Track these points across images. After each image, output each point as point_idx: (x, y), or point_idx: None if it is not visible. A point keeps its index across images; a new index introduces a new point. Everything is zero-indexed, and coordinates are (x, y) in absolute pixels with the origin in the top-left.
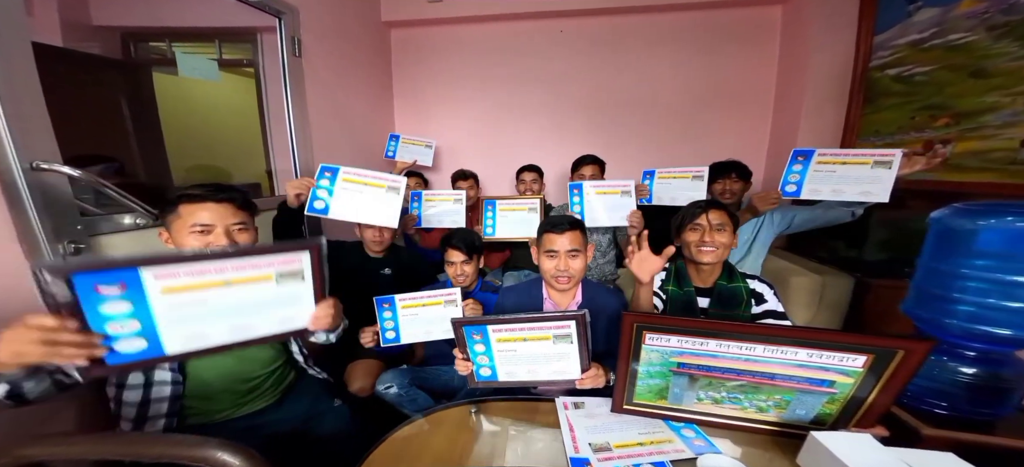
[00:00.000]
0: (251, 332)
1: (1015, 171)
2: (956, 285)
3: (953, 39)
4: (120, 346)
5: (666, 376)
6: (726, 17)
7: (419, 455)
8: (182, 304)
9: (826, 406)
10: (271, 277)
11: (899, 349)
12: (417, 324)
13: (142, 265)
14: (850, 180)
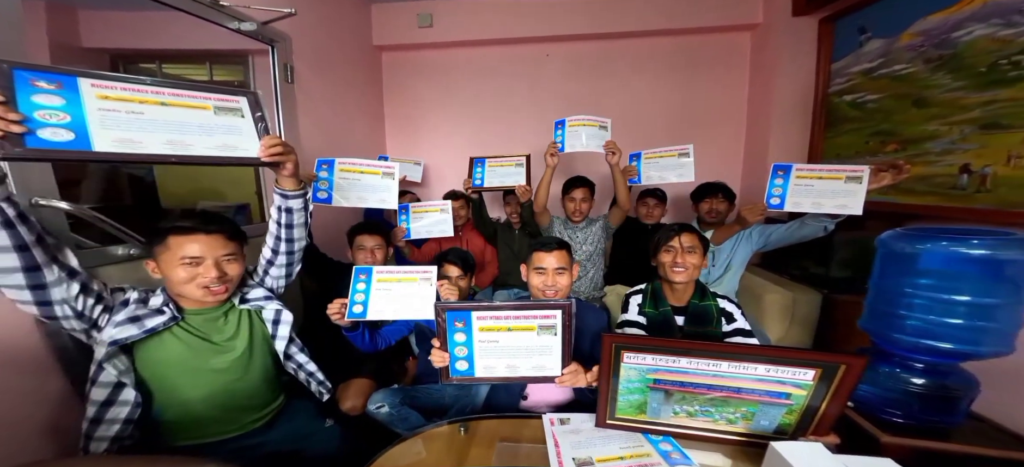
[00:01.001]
0: (189, 150)
1: (956, 196)
2: (903, 302)
3: (897, 69)
4: (45, 133)
5: (644, 392)
6: (701, 42)
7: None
8: (116, 109)
9: (785, 417)
10: (209, 107)
11: (841, 363)
12: (388, 300)
13: (80, 75)
14: (827, 193)
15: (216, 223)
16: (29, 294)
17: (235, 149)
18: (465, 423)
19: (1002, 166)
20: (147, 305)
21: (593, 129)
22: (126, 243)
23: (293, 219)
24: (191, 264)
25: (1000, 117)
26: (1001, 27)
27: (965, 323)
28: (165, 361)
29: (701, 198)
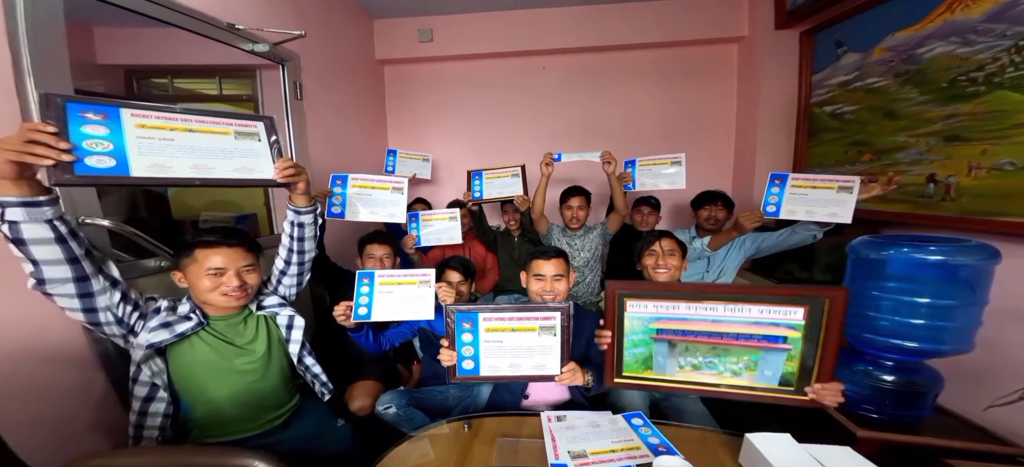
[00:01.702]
0: (211, 173)
1: (924, 203)
2: (872, 304)
3: (870, 82)
4: (92, 161)
5: (648, 344)
6: (690, 54)
7: (422, 464)
8: (151, 137)
9: (787, 365)
10: (230, 132)
11: (824, 297)
12: (391, 302)
13: (122, 106)
14: (820, 202)
15: (236, 237)
16: (78, 302)
17: (252, 171)
18: (468, 421)
19: (964, 176)
20: (176, 312)
21: (588, 152)
22: (157, 256)
23: (304, 233)
24: (215, 274)
25: (961, 130)
26: (959, 45)
27: (927, 323)
28: (194, 363)
29: (701, 205)
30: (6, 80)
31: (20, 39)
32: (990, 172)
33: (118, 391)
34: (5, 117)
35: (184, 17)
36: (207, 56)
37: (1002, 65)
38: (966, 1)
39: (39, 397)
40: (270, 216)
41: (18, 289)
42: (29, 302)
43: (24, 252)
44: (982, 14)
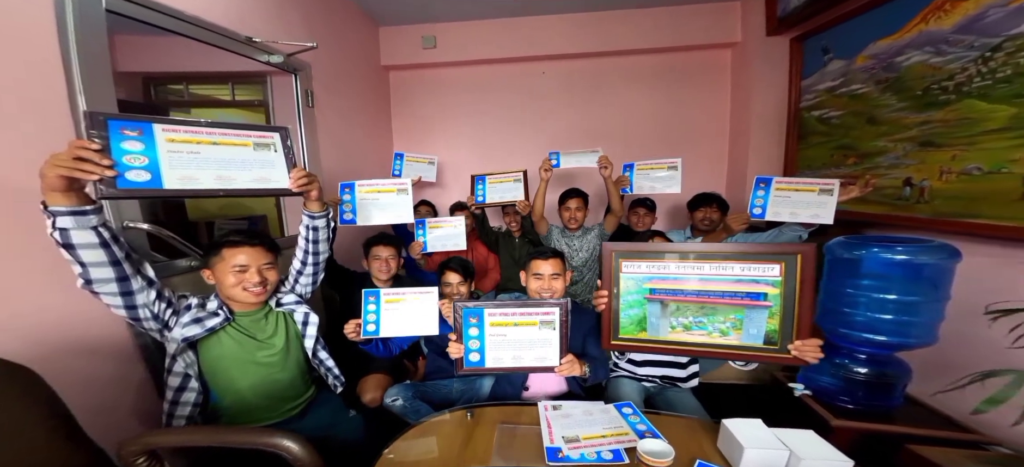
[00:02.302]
0: (233, 184)
1: (901, 205)
2: (846, 300)
3: (854, 89)
4: (130, 175)
5: (642, 305)
6: (686, 59)
7: (428, 450)
8: (180, 151)
9: (770, 322)
10: (249, 144)
11: (797, 253)
12: (397, 318)
13: (154, 121)
14: (803, 204)
15: (258, 238)
16: (120, 300)
17: (270, 181)
18: (471, 409)
19: (936, 180)
20: (205, 309)
21: (586, 153)
22: (188, 256)
23: (318, 236)
24: (240, 271)
25: (934, 136)
26: (933, 55)
27: (894, 318)
28: (221, 355)
29: (696, 207)
30: (61, 100)
31: (72, 60)
32: (959, 176)
33: (155, 381)
34: (59, 132)
35: (209, 33)
36: (221, 63)
37: (970, 75)
38: (939, 13)
39: (87, 386)
40: (281, 218)
41: (70, 289)
42: (79, 300)
43: (73, 256)
44: (952, 26)
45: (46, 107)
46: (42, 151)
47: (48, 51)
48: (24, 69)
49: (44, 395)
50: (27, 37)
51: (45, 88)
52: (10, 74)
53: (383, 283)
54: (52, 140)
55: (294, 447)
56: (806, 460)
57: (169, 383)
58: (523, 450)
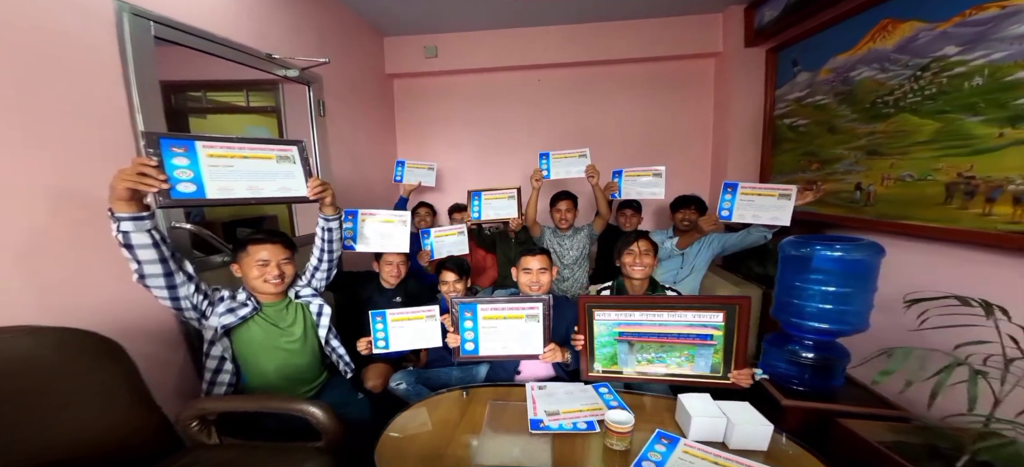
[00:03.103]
0: (261, 193)
1: (852, 208)
2: (796, 293)
3: (818, 99)
4: (180, 187)
5: (613, 344)
6: (673, 68)
7: (427, 422)
8: (217, 165)
9: (715, 356)
10: (273, 157)
11: (735, 304)
12: (404, 334)
13: (196, 139)
14: (765, 207)
15: (278, 237)
16: (166, 292)
17: (290, 189)
18: (467, 389)
19: (879, 186)
20: (236, 300)
21: (574, 158)
22: (221, 252)
23: (333, 236)
24: (262, 265)
25: (878, 146)
26: (878, 72)
27: (833, 308)
28: (251, 341)
29: (677, 208)
30: (124, 121)
31: (131, 81)
32: (896, 182)
33: (194, 363)
34: (122, 148)
35: (234, 51)
36: (236, 73)
37: (905, 91)
38: (884, 33)
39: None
40: (291, 219)
41: (128, 284)
42: (135, 293)
43: (131, 254)
44: (893, 45)
45: (114, 123)
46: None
47: (114, 74)
48: (98, 90)
49: (128, 366)
50: (97, 65)
51: (111, 106)
52: (86, 95)
53: (392, 284)
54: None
55: (319, 413)
56: (738, 425)
57: (207, 365)
58: (511, 422)
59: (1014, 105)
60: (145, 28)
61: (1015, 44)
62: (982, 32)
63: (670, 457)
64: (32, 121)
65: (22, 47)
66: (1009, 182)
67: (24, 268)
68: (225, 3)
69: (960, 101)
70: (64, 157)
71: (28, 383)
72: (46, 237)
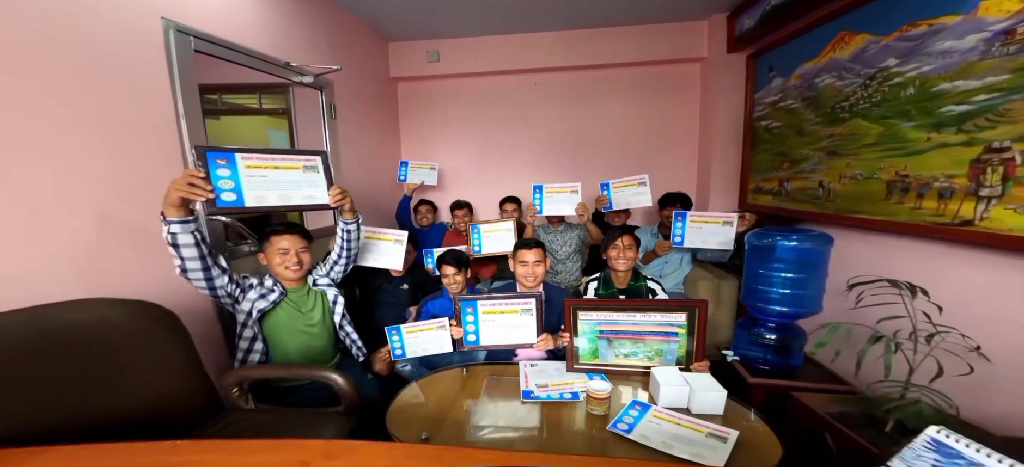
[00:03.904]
0: (289, 201)
1: (816, 203)
2: (760, 280)
3: (789, 103)
4: (223, 196)
5: (595, 340)
6: (662, 72)
7: (431, 394)
8: (253, 175)
9: (680, 351)
10: (299, 166)
11: (694, 307)
12: (417, 343)
13: (236, 151)
14: (712, 233)
15: (296, 228)
16: (204, 283)
17: (314, 198)
18: (467, 367)
19: (837, 183)
20: (264, 286)
21: (566, 194)
22: (249, 241)
23: (351, 237)
24: (283, 253)
25: (836, 147)
26: (837, 79)
27: (791, 292)
28: (278, 323)
29: (665, 206)
30: (171, 123)
31: (177, 90)
32: (850, 180)
33: (227, 342)
34: (170, 145)
35: (259, 60)
36: (249, 75)
37: (858, 98)
38: (842, 43)
39: None
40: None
41: (173, 276)
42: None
43: (177, 252)
44: (848, 55)
45: (164, 125)
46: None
47: (164, 83)
48: (151, 97)
49: (184, 337)
50: (150, 76)
51: (161, 112)
52: (143, 102)
53: (399, 273)
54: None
55: (340, 379)
56: (698, 391)
57: (240, 345)
58: (505, 393)
59: (938, 112)
60: (187, 43)
61: (939, 58)
62: (915, 46)
63: (641, 420)
64: (104, 126)
65: (96, 65)
66: (935, 180)
67: (97, 251)
68: (249, 18)
69: (898, 108)
70: (129, 156)
71: (109, 344)
72: (114, 224)
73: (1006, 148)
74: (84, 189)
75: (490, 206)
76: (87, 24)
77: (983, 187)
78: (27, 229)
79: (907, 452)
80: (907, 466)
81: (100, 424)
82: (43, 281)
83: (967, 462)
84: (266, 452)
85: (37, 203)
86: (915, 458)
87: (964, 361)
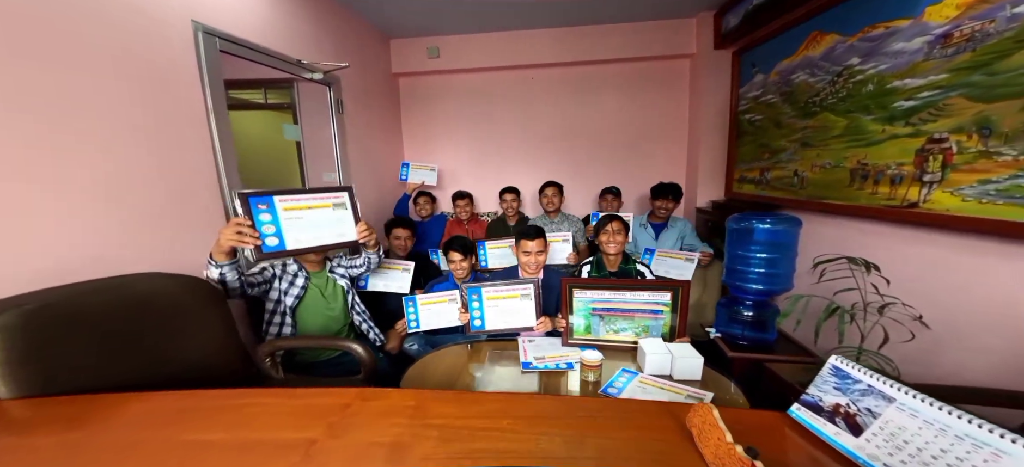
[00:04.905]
0: (322, 241)
1: (792, 190)
2: (739, 260)
3: (769, 98)
4: (268, 241)
5: (588, 317)
6: (653, 68)
7: (438, 366)
8: (292, 218)
9: (665, 327)
10: (330, 206)
11: (678, 287)
12: (431, 316)
13: (274, 194)
14: (676, 265)
15: None
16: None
17: (344, 235)
18: (470, 343)
19: (809, 171)
20: (288, 272)
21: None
22: None
23: (372, 263)
24: None
25: (808, 138)
26: (809, 76)
27: (765, 271)
28: (305, 308)
29: (656, 196)
30: (202, 116)
31: (206, 86)
32: (820, 169)
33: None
34: (200, 136)
35: (274, 58)
36: (254, 71)
37: (827, 93)
38: (814, 43)
39: None
40: None
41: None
42: None
43: (223, 287)
44: (820, 54)
45: (195, 118)
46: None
47: (194, 80)
48: (184, 93)
49: (225, 309)
50: (183, 74)
51: (191, 106)
52: (176, 98)
53: (400, 257)
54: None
55: (360, 349)
56: (679, 358)
57: (271, 325)
58: (507, 363)
59: (891, 107)
60: (213, 44)
61: (892, 58)
62: (874, 46)
63: (629, 384)
64: (143, 121)
65: (139, 67)
66: (888, 168)
67: (146, 231)
68: (264, 19)
69: (860, 103)
70: (170, 148)
71: (166, 312)
72: (155, 207)
73: (945, 139)
74: (133, 177)
75: (488, 197)
76: (131, 29)
77: (926, 173)
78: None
79: (818, 380)
80: (818, 390)
81: (162, 381)
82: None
83: (853, 380)
84: (315, 396)
85: (106, 188)
86: (823, 383)
87: (907, 328)
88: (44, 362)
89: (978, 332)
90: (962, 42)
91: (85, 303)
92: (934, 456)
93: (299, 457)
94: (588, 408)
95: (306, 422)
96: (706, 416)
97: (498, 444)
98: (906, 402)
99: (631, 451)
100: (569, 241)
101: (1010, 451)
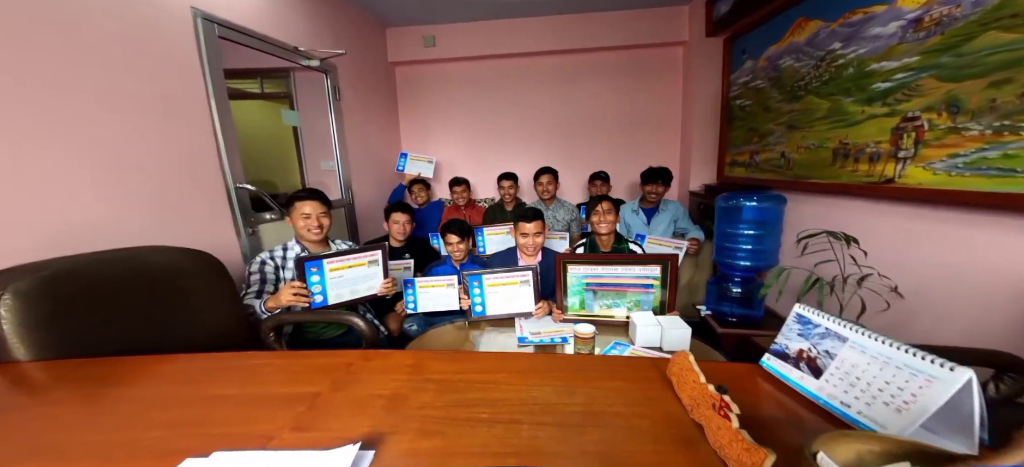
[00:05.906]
0: (357, 294)
1: (779, 171)
2: (727, 238)
3: (758, 84)
4: (315, 298)
5: (581, 292)
6: (647, 55)
7: (438, 342)
8: (336, 276)
9: (655, 301)
10: (365, 263)
11: (667, 260)
12: (428, 299)
13: (324, 259)
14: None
15: (317, 196)
16: None
17: (373, 288)
18: (468, 321)
19: (795, 153)
20: (288, 266)
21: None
22: (273, 211)
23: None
24: (305, 217)
25: (794, 121)
26: (795, 61)
27: (752, 248)
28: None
29: (647, 181)
30: (202, 98)
31: (206, 71)
32: (805, 150)
33: None
34: (202, 116)
35: (272, 45)
36: (251, 60)
37: (811, 77)
38: (799, 29)
39: None
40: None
41: (215, 229)
42: (220, 239)
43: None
44: (805, 39)
45: (195, 101)
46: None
47: (194, 64)
48: (184, 77)
49: (230, 282)
50: (183, 59)
51: (192, 90)
52: (178, 82)
53: (400, 242)
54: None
55: (361, 323)
56: (668, 329)
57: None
58: (503, 338)
59: (870, 89)
60: (212, 30)
61: (870, 42)
62: (854, 31)
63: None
64: (156, 106)
65: (141, 53)
66: (867, 146)
67: (157, 206)
68: (262, 6)
69: (841, 85)
70: (174, 126)
71: (177, 283)
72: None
73: (917, 117)
74: (139, 154)
75: (485, 182)
76: (131, 17)
77: (901, 150)
78: (115, 182)
79: (784, 328)
80: (785, 338)
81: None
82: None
83: (813, 325)
84: (319, 357)
85: (117, 162)
86: (788, 331)
87: (883, 299)
88: (60, 326)
89: (948, 298)
90: (932, 26)
91: (99, 271)
92: (880, 388)
93: (305, 407)
94: (578, 363)
95: (311, 378)
96: (683, 362)
97: (492, 394)
98: (857, 340)
99: (616, 398)
100: (566, 238)
101: (940, 376)
